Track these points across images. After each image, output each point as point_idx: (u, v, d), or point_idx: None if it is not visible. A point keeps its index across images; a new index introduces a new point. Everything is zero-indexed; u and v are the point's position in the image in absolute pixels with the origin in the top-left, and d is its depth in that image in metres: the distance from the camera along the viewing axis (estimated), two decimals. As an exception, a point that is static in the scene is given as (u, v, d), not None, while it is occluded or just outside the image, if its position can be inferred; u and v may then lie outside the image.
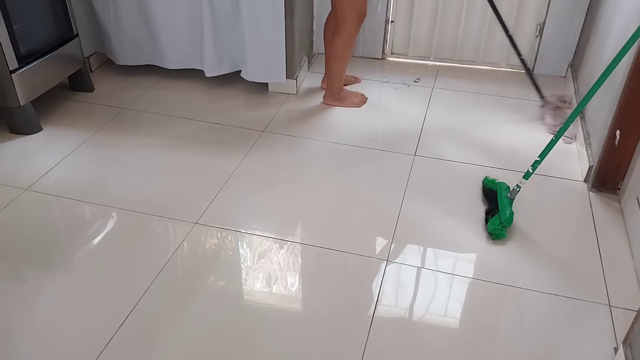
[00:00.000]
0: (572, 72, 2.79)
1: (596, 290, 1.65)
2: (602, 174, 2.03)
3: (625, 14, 2.06)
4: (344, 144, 2.35)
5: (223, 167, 2.17)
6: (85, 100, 2.65)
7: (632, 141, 1.92)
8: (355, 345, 1.47)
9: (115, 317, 1.53)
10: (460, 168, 2.22)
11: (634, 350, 1.31)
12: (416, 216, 1.95)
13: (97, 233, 1.84)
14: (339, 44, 2.45)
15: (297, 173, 2.21)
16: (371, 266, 1.73)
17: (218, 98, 2.69)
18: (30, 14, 2.29)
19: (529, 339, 1.51)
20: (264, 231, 1.87)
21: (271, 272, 1.71)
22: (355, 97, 2.66)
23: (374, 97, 2.74)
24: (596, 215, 1.96)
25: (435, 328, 1.55)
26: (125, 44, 2.73)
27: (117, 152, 2.27)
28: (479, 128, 2.49)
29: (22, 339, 1.48)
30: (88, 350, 1.44)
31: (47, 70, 2.42)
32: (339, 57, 2.48)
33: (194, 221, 1.89)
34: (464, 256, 1.78)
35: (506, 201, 1.91)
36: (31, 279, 1.66)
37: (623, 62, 1.82)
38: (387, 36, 3.06)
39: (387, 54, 3.13)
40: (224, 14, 2.56)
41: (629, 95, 1.85)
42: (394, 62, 3.11)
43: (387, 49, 3.11)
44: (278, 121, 2.51)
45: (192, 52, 2.71)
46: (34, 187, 2.05)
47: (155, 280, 1.65)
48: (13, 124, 2.35)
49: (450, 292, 1.66)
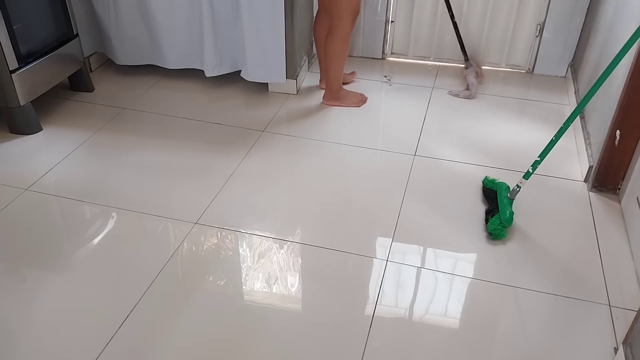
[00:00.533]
0: (572, 72, 2.79)
1: (596, 290, 1.65)
2: (602, 174, 2.03)
3: (626, 13, 2.06)
4: (343, 144, 2.35)
5: (223, 167, 2.17)
6: (85, 100, 2.65)
7: (632, 141, 1.92)
8: (355, 345, 1.47)
9: (115, 317, 1.53)
10: (460, 168, 2.22)
11: (634, 350, 1.31)
12: (416, 216, 1.95)
13: (97, 233, 1.84)
14: (335, 44, 2.45)
15: (297, 173, 2.21)
16: (371, 266, 1.73)
17: (218, 98, 2.69)
18: (30, 14, 2.29)
19: (529, 339, 1.51)
20: (264, 231, 1.87)
21: (271, 272, 1.71)
22: (355, 97, 2.66)
23: (373, 97, 2.74)
24: (596, 215, 1.96)
25: (435, 328, 1.55)
26: (125, 44, 2.73)
27: (117, 152, 2.27)
28: (479, 128, 2.49)
29: (21, 339, 1.48)
30: (88, 350, 1.44)
31: (47, 70, 2.42)
32: (335, 56, 2.49)
33: (194, 221, 1.89)
34: (464, 256, 1.78)
35: (506, 201, 1.91)
36: (31, 279, 1.66)
37: (623, 62, 1.82)
38: (387, 36, 3.06)
39: (387, 54, 3.13)
40: (224, 14, 2.56)
41: (629, 95, 1.85)
42: (393, 62, 3.11)
43: (387, 49, 3.11)
44: (278, 121, 2.51)
45: (192, 52, 2.71)
46: (34, 187, 2.05)
47: (155, 280, 1.65)
48: (13, 124, 2.35)
49: (450, 292, 1.66)
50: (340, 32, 2.42)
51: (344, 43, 2.45)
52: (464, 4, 2.88)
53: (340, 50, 2.47)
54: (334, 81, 2.58)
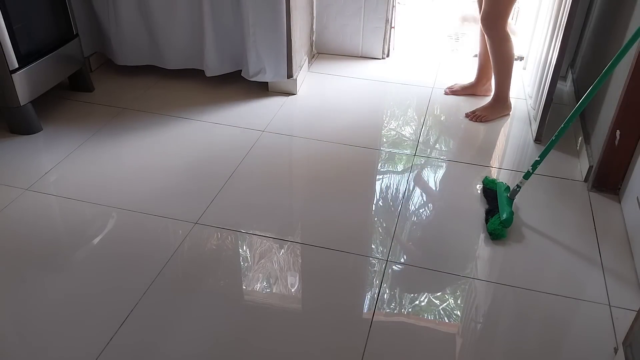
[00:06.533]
0: (572, 72, 2.79)
1: (596, 290, 1.65)
2: (602, 174, 2.03)
3: (626, 13, 2.06)
4: (343, 144, 2.35)
5: (223, 167, 2.17)
6: (85, 100, 2.65)
7: (632, 141, 1.92)
8: (355, 345, 1.47)
9: (115, 317, 1.53)
10: (460, 168, 2.22)
11: (634, 350, 1.31)
12: (416, 216, 1.95)
13: (97, 233, 1.84)
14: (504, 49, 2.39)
15: (297, 173, 2.21)
16: (371, 266, 1.73)
17: (218, 98, 2.69)
18: (30, 14, 2.29)
19: (529, 339, 1.51)
20: (264, 231, 1.87)
21: (271, 272, 1.71)
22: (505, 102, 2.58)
23: (373, 97, 2.74)
24: (596, 215, 1.96)
25: (435, 328, 1.55)
26: (125, 44, 2.73)
27: (117, 152, 2.27)
28: (479, 127, 2.49)
29: (21, 339, 1.48)
30: (88, 350, 1.44)
31: (47, 70, 2.42)
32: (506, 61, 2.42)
33: (194, 221, 1.89)
34: (464, 256, 1.78)
35: (506, 201, 1.91)
36: (31, 279, 1.66)
37: (623, 62, 1.82)
38: (387, 36, 3.06)
39: (386, 53, 3.13)
40: (224, 13, 2.55)
41: (629, 95, 1.85)
42: (393, 61, 3.11)
43: (386, 49, 3.11)
44: (278, 121, 2.51)
45: (192, 52, 2.71)
46: (34, 187, 2.05)
47: (155, 280, 1.65)
48: (13, 124, 2.35)
49: (451, 292, 1.66)
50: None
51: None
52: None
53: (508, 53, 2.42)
54: (503, 89, 2.50)
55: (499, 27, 2.34)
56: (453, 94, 2.75)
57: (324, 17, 3.02)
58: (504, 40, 2.37)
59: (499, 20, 2.33)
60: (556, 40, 2.20)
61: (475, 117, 2.53)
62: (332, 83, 2.87)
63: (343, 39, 3.08)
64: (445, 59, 3.15)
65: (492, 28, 2.35)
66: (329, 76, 2.93)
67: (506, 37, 2.37)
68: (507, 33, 2.36)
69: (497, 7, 2.30)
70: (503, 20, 2.33)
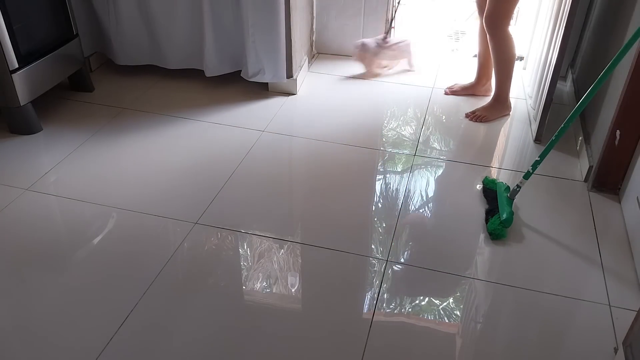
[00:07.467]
0: (571, 72, 2.79)
1: (596, 290, 1.65)
2: (602, 174, 2.03)
3: (626, 13, 2.06)
4: (343, 144, 2.35)
5: (223, 167, 2.17)
6: (85, 100, 2.65)
7: (632, 141, 1.92)
8: (355, 346, 1.47)
9: (115, 317, 1.53)
10: (460, 168, 2.22)
11: (634, 350, 1.31)
12: (416, 216, 1.95)
13: (97, 233, 1.84)
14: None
15: (297, 173, 2.21)
16: (371, 266, 1.73)
17: (218, 98, 2.69)
18: (30, 14, 2.29)
19: (529, 339, 1.51)
20: (264, 231, 1.87)
21: (271, 272, 1.71)
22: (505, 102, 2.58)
23: (373, 97, 2.74)
24: (596, 215, 1.96)
25: (435, 328, 1.55)
26: (125, 44, 2.73)
27: (117, 152, 2.27)
28: (479, 128, 2.49)
29: (21, 339, 1.48)
30: (88, 350, 1.44)
31: (47, 70, 2.42)
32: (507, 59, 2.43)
33: (194, 221, 1.89)
34: (464, 256, 1.78)
35: (506, 201, 1.91)
36: (31, 279, 1.66)
37: (623, 62, 1.82)
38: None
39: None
40: (224, 13, 2.56)
41: (629, 95, 1.85)
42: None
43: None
44: (278, 121, 2.51)
45: (192, 52, 2.71)
46: (34, 187, 2.05)
47: (155, 280, 1.65)
48: (13, 124, 2.35)
49: (451, 292, 1.66)
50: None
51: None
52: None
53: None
54: (504, 89, 2.50)
55: (502, 26, 2.34)
56: (453, 94, 2.75)
57: (324, 17, 3.02)
58: (506, 40, 2.37)
59: (502, 20, 2.33)
60: (556, 40, 2.20)
61: (475, 117, 2.53)
62: (332, 83, 2.87)
63: (343, 39, 3.08)
64: (445, 59, 3.16)
65: (495, 27, 2.35)
66: (329, 76, 2.93)
67: (509, 37, 2.37)
68: (509, 33, 2.36)
69: (500, 6, 2.30)
70: (506, 20, 2.33)
